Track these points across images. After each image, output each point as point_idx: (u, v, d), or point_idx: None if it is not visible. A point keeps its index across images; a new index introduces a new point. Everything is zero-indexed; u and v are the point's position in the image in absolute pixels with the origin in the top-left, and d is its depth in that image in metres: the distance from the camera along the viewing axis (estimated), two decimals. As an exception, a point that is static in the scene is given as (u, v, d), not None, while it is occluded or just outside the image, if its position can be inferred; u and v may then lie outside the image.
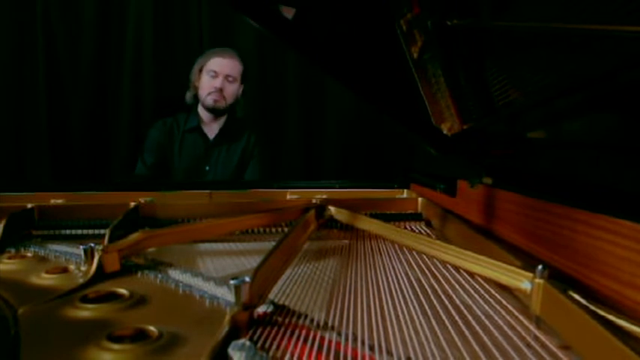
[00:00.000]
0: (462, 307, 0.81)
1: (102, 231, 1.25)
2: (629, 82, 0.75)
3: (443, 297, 0.86)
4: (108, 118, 3.34)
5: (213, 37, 3.33)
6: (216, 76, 2.79)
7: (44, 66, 3.19)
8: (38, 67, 3.19)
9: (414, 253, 1.16)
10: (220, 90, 2.78)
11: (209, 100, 2.80)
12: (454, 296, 0.87)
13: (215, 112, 2.85)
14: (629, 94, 0.79)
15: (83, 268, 1.00)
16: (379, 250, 1.21)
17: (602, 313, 0.68)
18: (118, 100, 3.32)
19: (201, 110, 2.91)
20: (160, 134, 2.88)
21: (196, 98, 2.91)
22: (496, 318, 0.76)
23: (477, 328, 0.73)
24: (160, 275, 0.98)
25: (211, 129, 2.91)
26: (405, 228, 1.32)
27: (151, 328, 0.70)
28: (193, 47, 3.28)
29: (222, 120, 2.92)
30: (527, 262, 0.85)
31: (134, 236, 1.08)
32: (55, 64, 3.23)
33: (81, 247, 1.00)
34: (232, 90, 2.84)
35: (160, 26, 3.31)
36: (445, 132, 1.30)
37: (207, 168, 2.88)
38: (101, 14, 3.26)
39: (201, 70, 2.85)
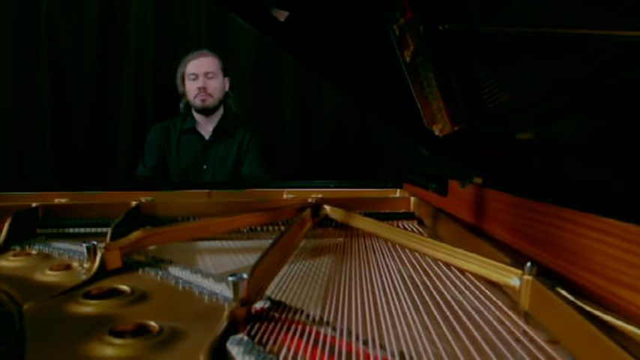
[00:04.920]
0: (453, 303, 0.82)
1: (104, 229, 1.26)
2: (615, 84, 0.75)
3: (434, 293, 0.87)
4: (109, 120, 3.36)
5: (212, 40, 3.34)
6: (196, 77, 2.83)
7: (47, 69, 3.21)
8: (41, 70, 3.21)
9: (407, 250, 1.17)
10: (204, 89, 2.81)
11: (197, 102, 2.83)
12: (445, 292, 0.87)
13: (206, 111, 2.87)
14: (616, 96, 0.80)
15: (86, 266, 1.00)
16: (373, 247, 1.22)
17: (588, 308, 0.69)
18: (120, 102, 3.33)
19: (195, 113, 2.92)
20: (157, 136, 2.92)
21: (189, 105, 2.92)
22: (486, 313, 0.77)
23: (468, 323, 0.73)
24: (160, 272, 0.99)
25: (207, 129, 2.92)
26: (398, 226, 1.33)
27: (152, 323, 0.70)
28: (192, 50, 3.29)
29: (217, 119, 2.93)
30: (517, 259, 0.86)
31: (135, 234, 1.09)
32: (58, 66, 3.25)
33: (84, 244, 1.01)
34: (215, 85, 2.86)
35: (160, 30, 3.33)
36: (437, 133, 1.31)
37: (205, 167, 2.88)
38: (103, 19, 3.28)
39: (183, 79, 2.89)
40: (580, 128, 0.93)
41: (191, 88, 2.85)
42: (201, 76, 2.82)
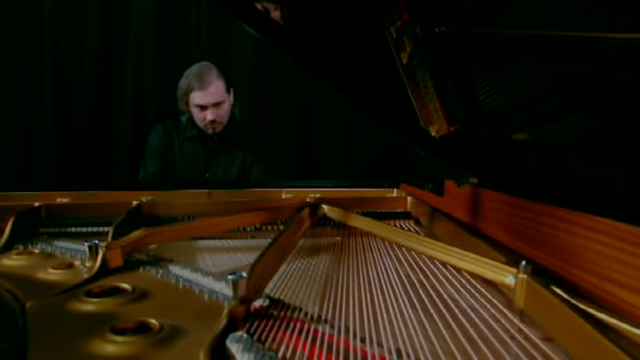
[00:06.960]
0: (449, 301, 0.83)
1: (106, 228, 1.26)
2: (610, 85, 0.76)
3: (431, 291, 0.88)
4: (111, 120, 3.36)
5: (212, 44, 3.35)
6: (204, 109, 2.68)
7: (49, 70, 3.21)
8: (44, 71, 3.21)
9: (404, 249, 1.18)
10: (214, 120, 2.70)
11: (208, 130, 2.74)
12: (441, 291, 0.88)
13: (217, 133, 2.79)
14: (610, 97, 0.80)
15: (88, 264, 1.01)
16: (370, 246, 1.23)
17: (582, 306, 0.70)
18: (121, 102, 3.34)
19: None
20: (160, 140, 2.84)
21: (192, 118, 2.80)
22: (482, 311, 0.78)
23: (464, 321, 0.74)
24: (161, 271, 1.00)
25: (210, 137, 2.84)
26: (395, 226, 1.34)
27: (153, 321, 0.71)
28: (192, 53, 3.30)
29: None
30: (512, 258, 0.86)
31: (136, 233, 1.09)
32: (60, 67, 3.25)
33: (85, 243, 1.01)
34: (224, 110, 2.74)
35: (161, 30, 3.33)
36: (433, 134, 1.32)
37: (208, 175, 2.82)
38: (104, 19, 3.28)
39: (187, 103, 2.73)
40: (574, 129, 0.93)
41: (199, 118, 2.72)
42: (210, 107, 2.67)
